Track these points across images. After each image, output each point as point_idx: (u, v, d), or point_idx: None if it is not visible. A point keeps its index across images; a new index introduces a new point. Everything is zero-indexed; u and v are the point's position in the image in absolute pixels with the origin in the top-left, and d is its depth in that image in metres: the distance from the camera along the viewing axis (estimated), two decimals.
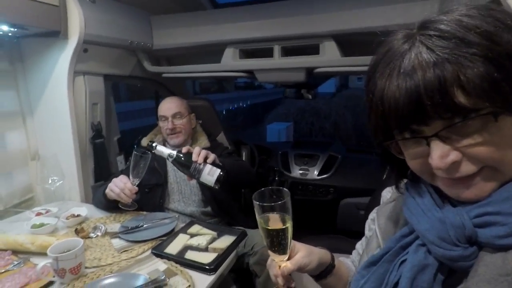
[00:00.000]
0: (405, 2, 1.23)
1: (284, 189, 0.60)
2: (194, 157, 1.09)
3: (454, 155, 0.39)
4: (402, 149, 0.45)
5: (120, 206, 1.27)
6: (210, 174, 1.08)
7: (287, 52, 1.55)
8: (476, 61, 0.35)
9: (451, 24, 0.38)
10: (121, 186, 1.21)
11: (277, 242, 0.59)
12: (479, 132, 0.38)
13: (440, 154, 0.39)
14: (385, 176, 1.70)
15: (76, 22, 1.31)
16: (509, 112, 0.37)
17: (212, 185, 1.09)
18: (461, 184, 0.41)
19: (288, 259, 0.61)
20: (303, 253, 0.63)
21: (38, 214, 1.29)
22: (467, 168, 0.40)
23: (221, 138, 1.85)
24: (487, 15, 0.37)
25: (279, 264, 0.61)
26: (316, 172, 2.25)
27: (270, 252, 0.61)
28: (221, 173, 1.09)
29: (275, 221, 0.58)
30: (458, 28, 0.37)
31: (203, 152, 1.11)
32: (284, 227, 0.58)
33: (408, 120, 0.39)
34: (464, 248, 0.40)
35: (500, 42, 0.36)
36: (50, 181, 1.38)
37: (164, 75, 1.85)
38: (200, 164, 1.09)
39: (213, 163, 1.11)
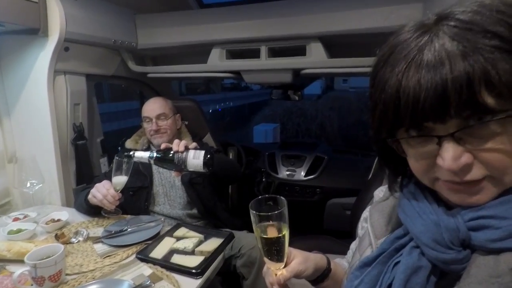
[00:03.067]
0: (390, 5, 1.25)
1: (281, 197, 0.59)
2: (174, 148, 1.05)
3: (466, 157, 0.37)
4: (406, 148, 0.43)
5: (103, 213, 1.24)
6: (196, 158, 1.03)
7: (274, 53, 1.56)
8: (508, 56, 0.33)
9: (475, 15, 0.35)
10: (104, 192, 1.18)
11: (274, 251, 0.59)
12: (497, 135, 0.36)
13: (453, 155, 0.36)
14: (370, 176, 1.73)
15: (57, 20, 1.27)
16: None
17: (202, 169, 1.03)
18: (464, 189, 0.39)
19: (284, 266, 0.61)
20: (299, 260, 0.62)
21: (16, 219, 1.23)
22: (476, 172, 0.37)
23: (208, 139, 1.83)
24: (510, 8, 0.36)
25: (275, 272, 0.60)
26: (303, 173, 2.26)
27: (266, 260, 0.60)
28: (207, 154, 1.03)
29: (272, 230, 0.58)
30: (485, 20, 0.35)
31: (183, 141, 1.08)
32: (280, 235, 0.58)
33: (426, 116, 0.36)
34: (457, 251, 0.39)
35: None
36: (28, 185, 1.32)
37: (149, 75, 1.82)
38: (182, 152, 1.04)
39: (196, 148, 1.08)
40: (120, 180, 1.19)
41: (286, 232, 0.58)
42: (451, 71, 0.34)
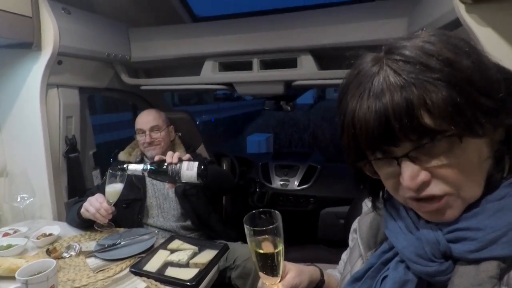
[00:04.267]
0: (376, 20, 1.30)
1: (275, 211, 0.59)
2: (168, 159, 1.06)
3: (423, 175, 0.40)
4: (376, 169, 0.46)
5: (96, 227, 1.23)
6: (189, 169, 1.03)
7: (266, 65, 1.59)
8: (440, 86, 0.37)
9: (414, 50, 0.40)
10: (97, 206, 1.17)
11: (269, 265, 0.58)
12: (446, 153, 0.39)
13: (410, 174, 0.40)
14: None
15: (50, 34, 1.28)
16: (473, 135, 0.38)
17: (196, 181, 1.03)
18: (428, 208, 0.42)
19: (280, 280, 0.61)
20: (294, 273, 0.62)
21: (6, 234, 1.21)
22: (435, 188, 0.41)
23: (201, 150, 1.84)
24: (447, 42, 0.40)
25: (270, 287, 0.60)
26: (296, 183, 2.27)
27: (261, 275, 0.60)
28: (201, 165, 1.04)
29: (267, 245, 0.57)
30: (421, 54, 0.39)
31: (176, 153, 1.08)
32: (276, 250, 0.57)
33: (378, 141, 0.40)
34: (439, 263, 0.41)
35: (461, 68, 0.38)
36: (19, 199, 1.30)
37: (142, 87, 1.83)
38: (176, 164, 1.04)
39: (189, 160, 1.08)
40: (114, 193, 1.18)
41: (281, 247, 0.58)
42: (391, 100, 0.38)
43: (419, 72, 0.38)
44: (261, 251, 0.58)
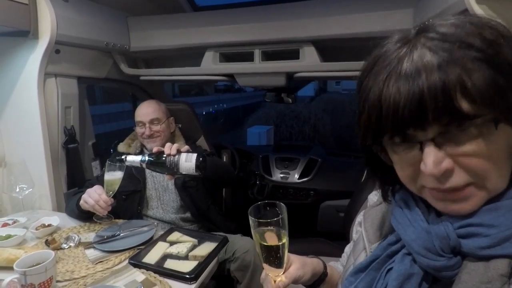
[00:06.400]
0: (381, 10, 1.27)
1: (281, 203, 0.58)
2: (166, 151, 1.05)
3: (447, 163, 0.38)
4: (392, 155, 0.44)
5: (95, 219, 1.22)
6: (188, 160, 1.02)
7: (268, 56, 1.56)
8: (482, 66, 0.35)
9: (453, 28, 0.37)
10: (96, 197, 1.16)
11: (273, 257, 0.58)
12: (475, 140, 0.37)
13: (434, 159, 0.37)
14: (363, 179, 1.74)
15: (47, 22, 1.25)
16: (510, 121, 0.36)
17: (194, 172, 1.02)
18: (449, 197, 0.40)
19: (283, 272, 0.61)
20: (297, 265, 0.62)
21: (5, 225, 1.21)
22: (458, 178, 0.38)
23: (201, 142, 1.83)
24: (487, 23, 0.38)
25: (274, 279, 0.60)
26: (296, 176, 2.26)
27: (265, 266, 0.60)
28: (199, 156, 1.03)
29: (272, 236, 0.57)
30: (461, 32, 0.37)
31: (175, 145, 1.07)
32: (281, 243, 0.57)
33: (406, 123, 0.37)
34: (448, 258, 0.40)
35: (502, 51, 0.36)
36: (18, 189, 1.30)
37: (142, 77, 1.81)
38: (174, 155, 1.03)
39: (188, 151, 1.07)
40: (112, 184, 1.17)
41: (285, 239, 0.58)
42: (427, 80, 0.36)
43: (458, 50, 0.35)
44: (265, 243, 0.57)
